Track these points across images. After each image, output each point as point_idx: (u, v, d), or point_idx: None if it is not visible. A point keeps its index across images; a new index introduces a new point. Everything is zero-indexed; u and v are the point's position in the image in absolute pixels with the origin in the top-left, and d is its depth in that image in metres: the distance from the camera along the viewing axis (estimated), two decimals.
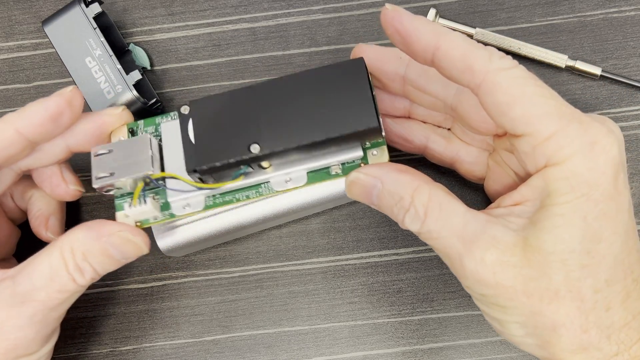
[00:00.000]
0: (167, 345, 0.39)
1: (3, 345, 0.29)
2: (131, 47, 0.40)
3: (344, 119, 0.27)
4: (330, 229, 0.39)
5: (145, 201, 0.30)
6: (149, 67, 0.40)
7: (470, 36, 0.38)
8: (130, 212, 0.31)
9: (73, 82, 0.38)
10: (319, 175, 0.31)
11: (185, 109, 0.29)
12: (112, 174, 0.30)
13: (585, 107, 0.39)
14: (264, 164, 0.29)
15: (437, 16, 0.38)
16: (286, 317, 0.39)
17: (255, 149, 0.28)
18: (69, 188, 0.34)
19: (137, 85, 0.38)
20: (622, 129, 0.39)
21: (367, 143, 0.30)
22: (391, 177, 0.28)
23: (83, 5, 0.37)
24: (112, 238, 0.30)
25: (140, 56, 0.40)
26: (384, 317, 0.38)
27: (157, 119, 0.33)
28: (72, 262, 0.30)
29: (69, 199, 0.35)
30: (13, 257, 0.37)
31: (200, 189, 0.30)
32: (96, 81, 0.37)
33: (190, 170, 0.28)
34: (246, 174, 0.30)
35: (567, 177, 0.24)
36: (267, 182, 0.31)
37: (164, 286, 0.39)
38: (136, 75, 0.37)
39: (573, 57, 0.39)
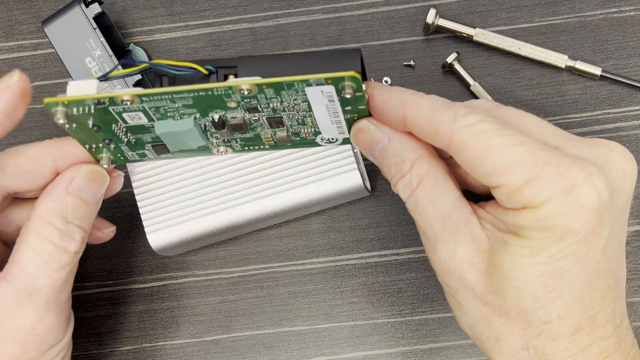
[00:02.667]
0: (167, 345, 0.39)
1: (32, 342, 0.29)
2: (131, 47, 0.40)
3: (325, 66, 0.27)
4: (330, 229, 0.39)
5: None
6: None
7: (470, 36, 0.38)
8: (73, 84, 0.27)
9: None
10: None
11: None
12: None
13: (585, 107, 0.39)
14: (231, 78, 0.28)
15: (437, 16, 0.38)
16: (286, 317, 0.39)
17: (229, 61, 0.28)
18: (104, 233, 0.35)
19: (137, 85, 0.38)
20: (622, 129, 0.39)
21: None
22: (400, 137, 0.27)
23: (83, 5, 0.37)
24: (76, 181, 0.29)
25: (140, 56, 0.40)
26: (384, 317, 0.38)
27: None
28: (56, 234, 0.29)
29: (106, 240, 0.35)
30: None
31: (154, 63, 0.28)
32: None
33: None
34: (210, 74, 0.28)
35: (540, 219, 0.24)
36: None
37: (164, 286, 0.39)
38: (136, 75, 0.37)
39: (573, 57, 0.39)
